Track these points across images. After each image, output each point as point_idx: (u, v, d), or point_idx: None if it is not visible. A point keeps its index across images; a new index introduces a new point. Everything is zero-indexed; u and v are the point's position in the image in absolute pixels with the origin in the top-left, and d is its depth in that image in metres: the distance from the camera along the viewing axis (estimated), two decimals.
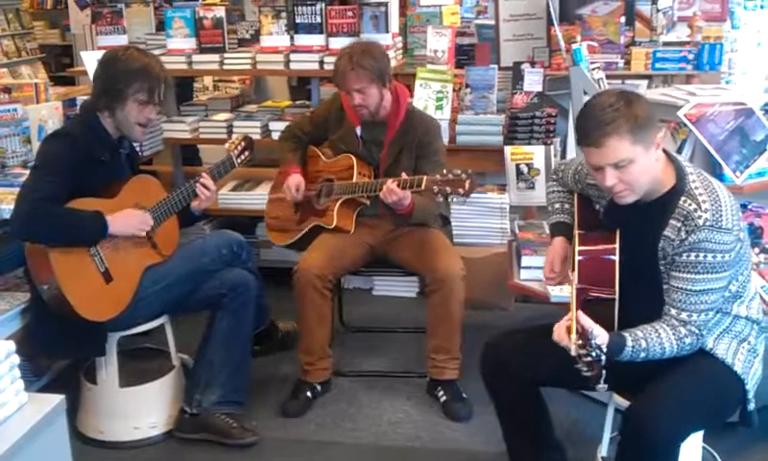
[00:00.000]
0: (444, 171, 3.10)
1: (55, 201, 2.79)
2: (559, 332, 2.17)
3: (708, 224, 2.21)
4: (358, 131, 3.54)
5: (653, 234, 2.32)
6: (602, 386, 2.08)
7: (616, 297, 2.34)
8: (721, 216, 2.22)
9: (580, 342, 2.06)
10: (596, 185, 2.51)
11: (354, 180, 3.47)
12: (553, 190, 2.80)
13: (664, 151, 2.35)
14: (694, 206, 2.24)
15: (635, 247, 2.37)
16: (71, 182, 2.86)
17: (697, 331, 2.26)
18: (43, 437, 1.92)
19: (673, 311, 2.28)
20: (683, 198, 2.27)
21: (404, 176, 3.21)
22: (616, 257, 2.38)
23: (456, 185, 3.07)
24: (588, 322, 2.14)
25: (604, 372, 2.06)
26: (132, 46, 3.25)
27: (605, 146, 2.20)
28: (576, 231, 2.54)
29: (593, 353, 2.04)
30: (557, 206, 2.76)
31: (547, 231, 2.87)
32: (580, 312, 2.17)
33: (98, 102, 3.00)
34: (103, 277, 2.92)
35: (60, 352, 3.23)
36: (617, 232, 2.42)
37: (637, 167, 2.23)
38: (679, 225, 2.26)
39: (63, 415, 2.02)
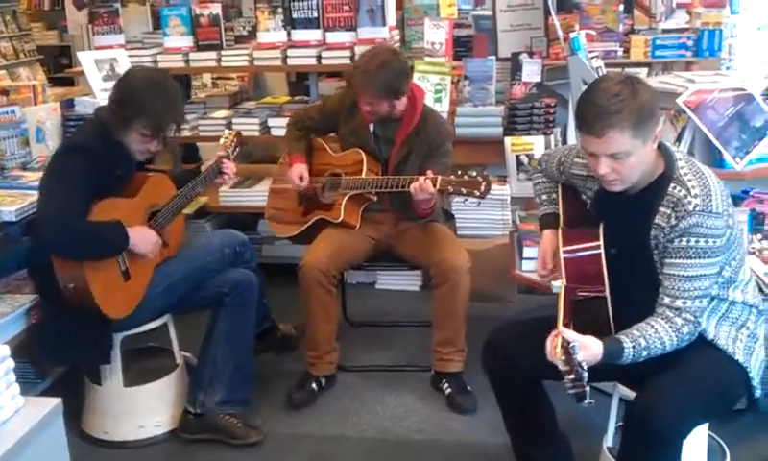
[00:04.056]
0: (459, 172, 3.04)
1: (81, 214, 2.79)
2: (548, 347, 2.10)
3: (698, 209, 2.18)
4: (371, 126, 3.51)
5: (643, 223, 2.29)
6: (588, 402, 1.99)
7: (607, 293, 2.31)
8: (711, 201, 2.19)
9: (564, 358, 1.99)
10: (581, 176, 2.50)
11: (363, 175, 3.45)
12: (539, 181, 2.76)
13: None
14: (684, 191, 2.21)
15: (625, 238, 2.34)
16: (92, 193, 2.85)
17: (693, 319, 2.23)
18: (40, 440, 1.91)
19: (667, 300, 2.24)
20: (672, 184, 2.24)
21: (430, 174, 3.11)
22: (602, 252, 2.34)
23: (471, 187, 3.01)
24: (571, 336, 2.07)
25: (587, 389, 1.98)
26: (158, 71, 3.14)
27: (605, 137, 2.16)
28: (559, 228, 2.51)
29: (576, 371, 1.97)
30: (544, 197, 2.73)
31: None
32: (564, 329, 2.11)
33: (107, 117, 2.98)
34: (123, 275, 2.94)
35: (64, 358, 3.20)
36: (601, 226, 2.38)
37: (633, 159, 2.20)
38: (669, 212, 2.24)
39: (60, 418, 2.01)
